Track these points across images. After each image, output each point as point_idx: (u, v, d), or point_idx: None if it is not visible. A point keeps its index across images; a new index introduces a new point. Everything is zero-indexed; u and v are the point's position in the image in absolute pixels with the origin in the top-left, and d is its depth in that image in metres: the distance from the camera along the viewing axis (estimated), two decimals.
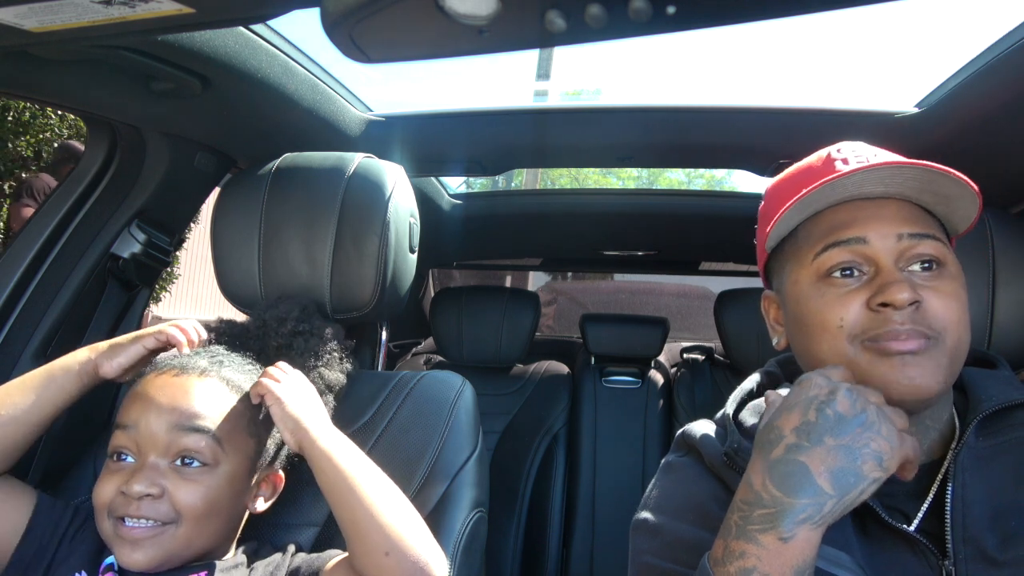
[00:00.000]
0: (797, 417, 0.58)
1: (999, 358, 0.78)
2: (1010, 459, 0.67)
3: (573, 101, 1.85)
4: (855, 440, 0.55)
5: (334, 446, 0.79)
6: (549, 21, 0.38)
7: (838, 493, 0.54)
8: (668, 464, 0.82)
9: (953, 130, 1.16)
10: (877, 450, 0.55)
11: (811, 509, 0.54)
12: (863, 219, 0.68)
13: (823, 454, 0.55)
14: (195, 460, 0.76)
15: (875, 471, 0.55)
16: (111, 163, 1.13)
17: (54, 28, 0.56)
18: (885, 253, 0.66)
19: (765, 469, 0.57)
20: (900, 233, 0.66)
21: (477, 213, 2.11)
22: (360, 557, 0.74)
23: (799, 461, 0.56)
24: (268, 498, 0.85)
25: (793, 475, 0.55)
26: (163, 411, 0.76)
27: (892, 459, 0.56)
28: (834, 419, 0.56)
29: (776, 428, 0.59)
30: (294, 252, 1.02)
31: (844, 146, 0.73)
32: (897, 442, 0.56)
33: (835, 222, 0.69)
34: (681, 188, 3.40)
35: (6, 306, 1.03)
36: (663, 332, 2.21)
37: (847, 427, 0.56)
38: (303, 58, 1.11)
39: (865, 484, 0.55)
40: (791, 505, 0.55)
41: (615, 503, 1.98)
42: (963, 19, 6.00)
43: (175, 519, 0.73)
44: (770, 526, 0.55)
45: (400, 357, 2.49)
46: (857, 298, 0.66)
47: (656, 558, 0.70)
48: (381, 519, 0.74)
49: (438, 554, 0.77)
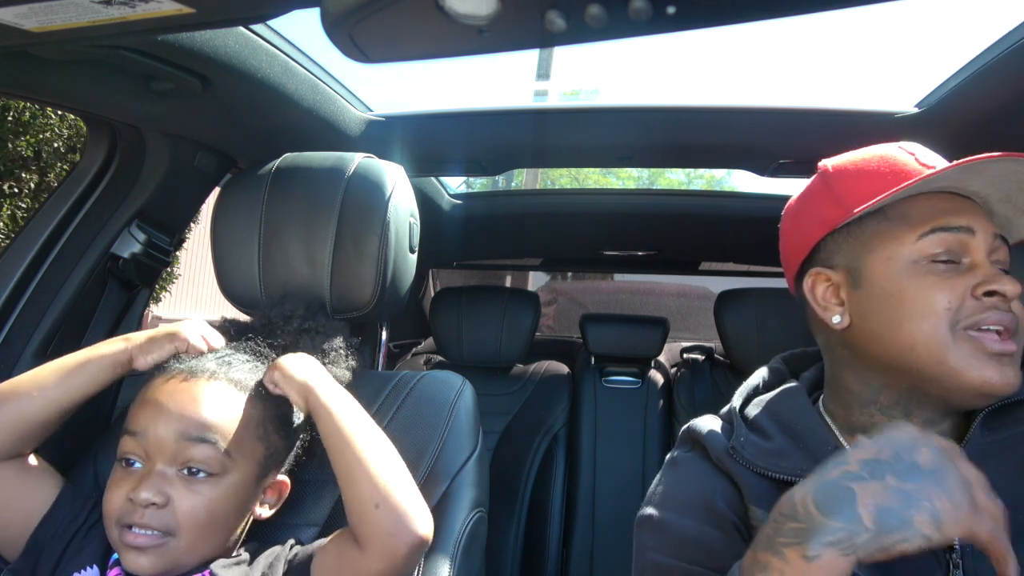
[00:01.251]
0: (870, 452, 0.55)
1: None
2: (1015, 454, 0.67)
3: (573, 101, 1.85)
4: (919, 490, 0.51)
5: (336, 402, 0.82)
6: (549, 21, 0.38)
7: (876, 529, 0.51)
8: (673, 459, 0.82)
9: (953, 130, 1.16)
10: (939, 508, 0.50)
11: (842, 534, 0.51)
12: (967, 209, 0.69)
13: (877, 489, 0.52)
14: (202, 471, 0.76)
15: (927, 527, 0.50)
16: (111, 163, 1.13)
17: (54, 28, 0.56)
18: (984, 247, 0.68)
19: (812, 486, 0.55)
20: (995, 232, 0.69)
21: (477, 213, 2.11)
22: (351, 508, 0.77)
23: (848, 487, 0.53)
24: (273, 505, 0.86)
25: (836, 498, 0.53)
26: (172, 419, 0.76)
27: (951, 525, 0.50)
28: (907, 464, 0.53)
29: (845, 456, 0.56)
30: (294, 252, 1.03)
31: (903, 144, 0.75)
32: (967, 511, 0.51)
33: (940, 207, 0.70)
34: (681, 188, 3.40)
35: (6, 306, 1.03)
36: (663, 332, 2.20)
37: (916, 476, 0.52)
38: (303, 58, 1.11)
39: (910, 533, 0.50)
40: (823, 525, 0.52)
41: (615, 503, 1.98)
42: (963, 19, 6.00)
43: (174, 531, 0.74)
44: (797, 541, 0.53)
45: (400, 357, 2.49)
46: (961, 283, 0.66)
47: (661, 554, 0.70)
48: (373, 472, 0.77)
49: (424, 511, 0.79)
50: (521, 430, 2.03)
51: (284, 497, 0.87)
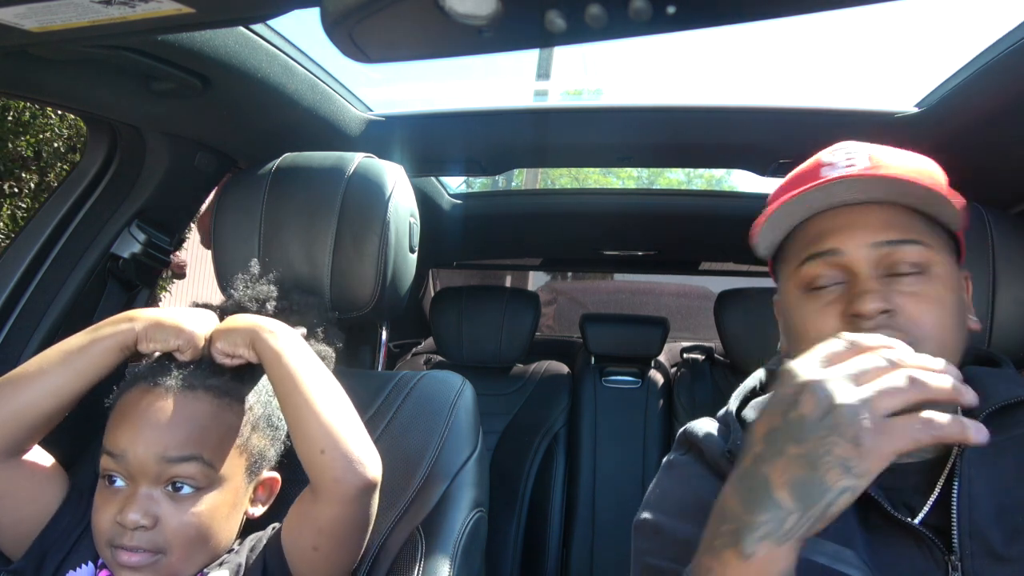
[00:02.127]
0: (767, 422, 0.52)
1: (1003, 357, 0.78)
2: (1015, 455, 0.67)
3: (573, 101, 1.85)
4: (816, 447, 0.48)
5: (285, 345, 0.80)
6: (549, 21, 0.38)
7: (800, 507, 0.48)
8: (670, 463, 0.82)
9: (953, 130, 1.16)
10: (841, 456, 0.47)
11: (770, 526, 0.49)
12: (839, 228, 0.68)
13: (784, 464, 0.49)
14: (187, 485, 0.75)
15: (842, 479, 0.47)
16: (111, 163, 1.13)
17: (54, 28, 0.56)
18: (861, 262, 0.67)
19: (734, 481, 0.54)
20: (876, 241, 0.66)
21: (477, 213, 2.11)
22: (301, 454, 0.76)
23: (762, 473, 0.50)
24: (265, 502, 0.86)
25: (754, 489, 0.51)
26: (151, 440, 0.74)
27: (865, 462, 0.47)
28: (796, 424, 0.49)
29: (751, 435, 0.54)
30: (294, 252, 1.03)
31: (839, 149, 0.73)
32: (871, 441, 0.47)
33: (813, 233, 0.70)
34: (681, 188, 3.40)
35: (6, 306, 1.03)
36: (663, 332, 2.20)
37: (808, 432, 0.48)
38: (303, 58, 1.11)
39: (832, 496, 0.48)
40: (750, 522, 0.50)
41: (615, 503, 1.98)
42: (963, 19, 6.01)
43: (165, 549, 0.73)
44: (732, 542, 0.51)
45: (400, 357, 2.49)
46: (834, 310, 0.67)
47: (657, 558, 0.70)
48: (321, 417, 0.76)
49: (372, 455, 0.78)
50: (521, 430, 2.03)
51: (276, 493, 0.87)
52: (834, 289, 0.67)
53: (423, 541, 0.89)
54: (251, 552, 0.80)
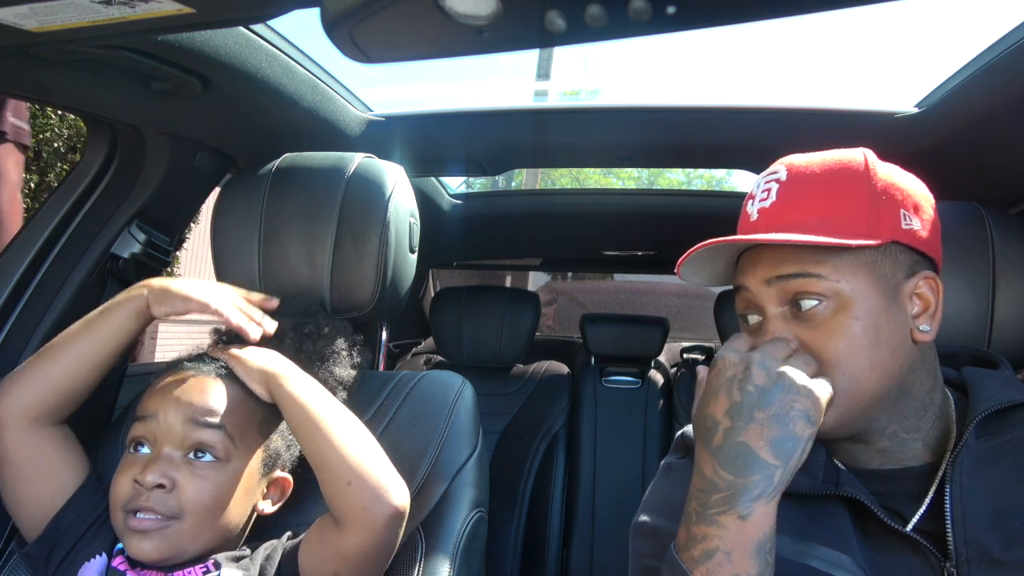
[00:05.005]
0: (724, 400, 0.61)
1: (1000, 358, 0.78)
2: (1011, 459, 0.66)
3: (573, 101, 1.85)
4: (781, 406, 0.59)
5: (301, 388, 0.83)
6: (549, 21, 0.38)
7: (783, 462, 0.58)
8: (667, 466, 0.82)
9: (953, 130, 1.16)
10: (803, 409, 0.59)
11: (763, 484, 0.57)
12: (746, 267, 0.71)
13: (758, 429, 0.58)
14: (207, 454, 0.78)
15: (807, 429, 0.59)
16: (111, 163, 1.12)
17: (54, 28, 0.56)
18: (763, 298, 0.69)
19: (712, 456, 0.60)
20: (768, 277, 0.68)
21: (477, 213, 2.11)
22: (326, 488, 0.79)
23: (741, 442, 0.59)
24: (276, 501, 0.87)
25: (739, 456, 0.58)
26: (180, 405, 0.79)
27: (817, 410, 0.59)
28: (757, 393, 0.59)
29: (709, 416, 0.62)
30: (294, 252, 1.03)
31: (765, 178, 0.72)
32: (816, 393, 0.59)
33: (740, 265, 0.73)
34: (681, 188, 3.40)
35: (6, 306, 1.03)
36: (663, 332, 2.21)
37: (771, 397, 0.59)
38: (303, 58, 1.11)
39: (803, 444, 0.58)
40: (744, 485, 0.58)
41: (615, 503, 1.98)
42: (963, 19, 6.01)
43: (178, 515, 0.75)
44: (728, 507, 0.58)
45: (400, 357, 2.49)
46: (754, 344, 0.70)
47: (655, 560, 0.70)
48: (344, 452, 0.78)
49: (398, 483, 0.80)
50: (521, 430, 2.03)
51: (287, 494, 0.88)
52: (756, 319, 0.71)
53: (423, 541, 0.89)
54: (267, 561, 0.80)
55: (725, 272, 0.77)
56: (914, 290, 0.68)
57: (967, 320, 0.92)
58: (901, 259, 0.68)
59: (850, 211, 0.66)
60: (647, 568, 0.71)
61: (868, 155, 0.70)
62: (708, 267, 0.75)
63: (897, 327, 0.66)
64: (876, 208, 0.66)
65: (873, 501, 0.65)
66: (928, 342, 0.69)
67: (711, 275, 0.77)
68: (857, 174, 0.68)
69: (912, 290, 0.68)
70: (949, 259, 0.93)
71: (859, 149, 0.71)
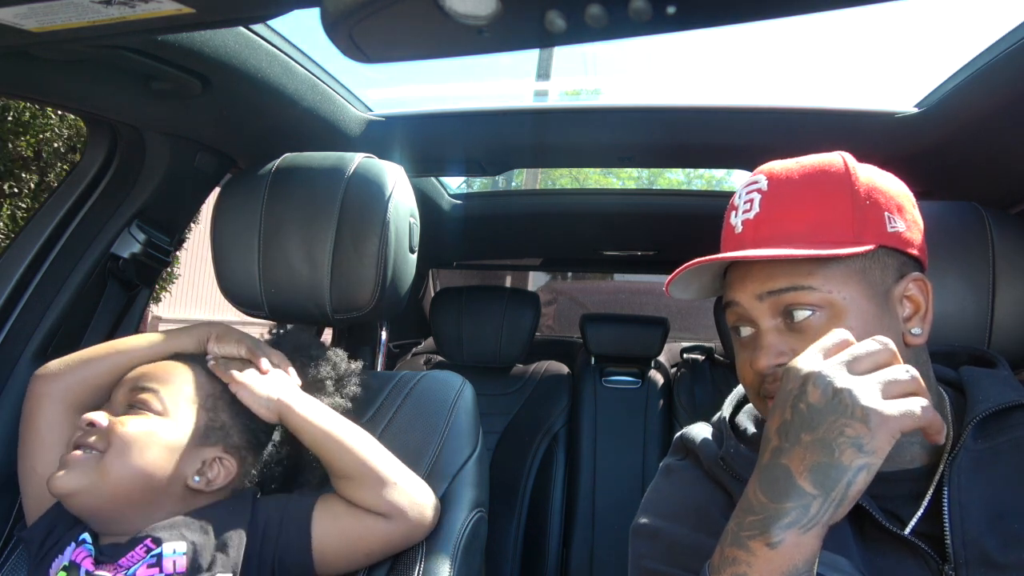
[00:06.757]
0: (778, 417, 0.56)
1: (999, 357, 0.77)
2: (1009, 461, 0.66)
3: (573, 101, 1.85)
4: (829, 430, 0.52)
5: (310, 412, 0.88)
6: (549, 21, 0.38)
7: (822, 492, 0.52)
8: (667, 467, 0.82)
9: (953, 130, 1.16)
10: (853, 435, 0.51)
11: (796, 513, 0.52)
12: (734, 281, 0.71)
13: (801, 453, 0.53)
14: (143, 409, 0.83)
15: (857, 459, 0.51)
16: (111, 163, 1.12)
17: (54, 28, 0.56)
18: (756, 313, 0.68)
19: (757, 475, 0.56)
20: (760, 294, 0.67)
21: (477, 213, 2.11)
22: (366, 493, 0.85)
23: (782, 464, 0.54)
24: (208, 484, 0.85)
25: (778, 480, 0.54)
26: (132, 375, 0.87)
27: (875, 439, 0.51)
28: (807, 413, 0.53)
29: (767, 431, 0.57)
30: (294, 252, 1.03)
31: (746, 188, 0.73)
32: (878, 420, 0.51)
33: (726, 282, 0.73)
34: (681, 188, 3.40)
35: (6, 306, 1.03)
36: (663, 332, 2.20)
37: (820, 418, 0.52)
38: (303, 58, 1.11)
39: (850, 475, 0.51)
40: (777, 511, 0.53)
41: (615, 503, 1.98)
42: (963, 19, 6.01)
43: (104, 448, 0.79)
44: (758, 532, 0.54)
45: (400, 357, 2.49)
46: (748, 357, 0.70)
47: (655, 562, 0.70)
48: (373, 459, 0.86)
49: (425, 488, 0.89)
50: (521, 430, 2.03)
51: (229, 481, 0.87)
52: (748, 332, 0.70)
53: (423, 541, 0.89)
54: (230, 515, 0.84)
55: (712, 285, 0.76)
56: (904, 293, 0.68)
57: (967, 320, 0.92)
58: (889, 263, 0.67)
59: (835, 218, 0.66)
60: (647, 570, 0.71)
61: (847, 158, 0.70)
62: (695, 282, 0.75)
63: (890, 333, 0.65)
64: (861, 213, 0.66)
65: (871, 504, 0.65)
66: (920, 345, 0.69)
67: (698, 290, 0.76)
68: (838, 179, 0.68)
69: (902, 293, 0.68)
70: (949, 259, 0.93)
71: (836, 152, 0.71)
